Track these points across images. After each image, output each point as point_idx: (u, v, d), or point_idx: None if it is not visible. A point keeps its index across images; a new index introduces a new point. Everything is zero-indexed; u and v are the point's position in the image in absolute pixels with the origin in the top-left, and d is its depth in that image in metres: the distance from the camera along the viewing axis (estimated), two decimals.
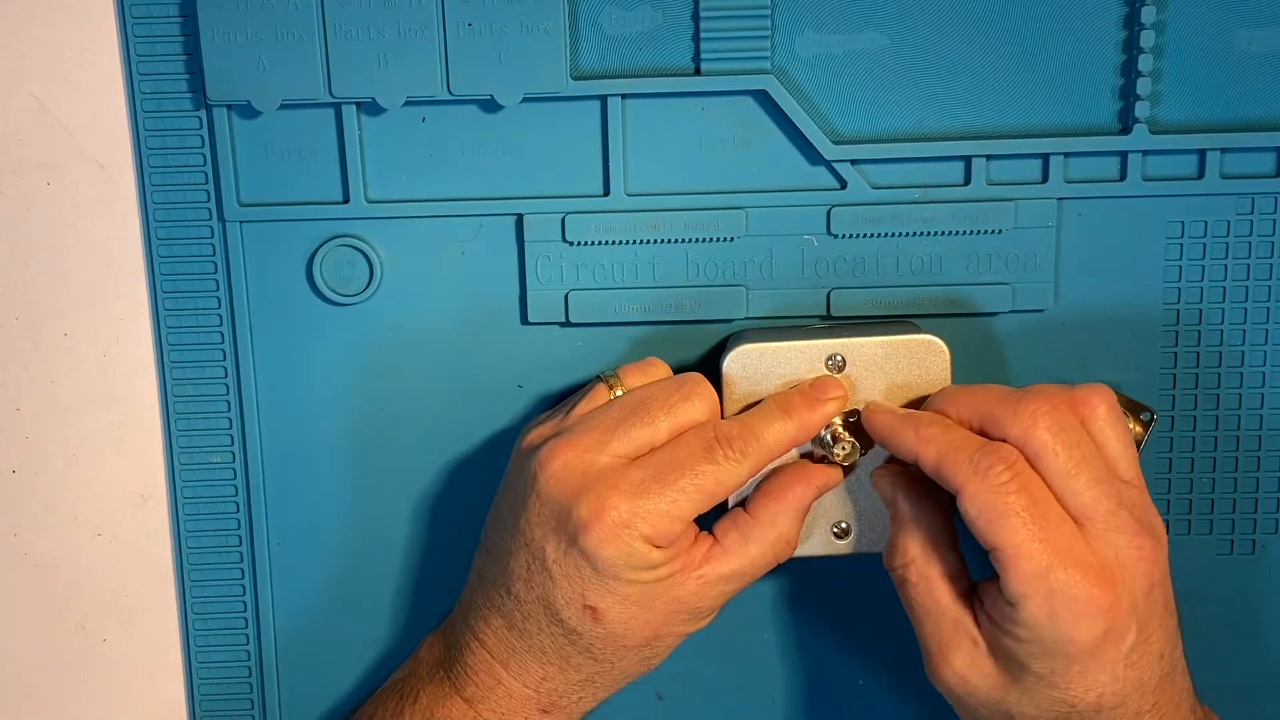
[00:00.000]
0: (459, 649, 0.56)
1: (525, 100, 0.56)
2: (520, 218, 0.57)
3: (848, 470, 0.55)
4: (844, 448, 0.54)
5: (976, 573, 0.52)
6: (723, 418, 0.55)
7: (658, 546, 0.51)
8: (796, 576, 0.61)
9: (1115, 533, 0.49)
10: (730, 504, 0.55)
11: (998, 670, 0.51)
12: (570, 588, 0.52)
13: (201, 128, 0.57)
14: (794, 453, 0.55)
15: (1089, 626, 0.48)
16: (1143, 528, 0.49)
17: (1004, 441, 0.50)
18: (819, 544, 0.56)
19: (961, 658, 0.51)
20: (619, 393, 0.55)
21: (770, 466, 0.54)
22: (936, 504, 0.52)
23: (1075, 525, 0.49)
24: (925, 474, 0.51)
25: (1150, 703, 0.50)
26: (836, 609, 0.61)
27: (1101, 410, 0.51)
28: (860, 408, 0.54)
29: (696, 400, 0.53)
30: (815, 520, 0.56)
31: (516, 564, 0.53)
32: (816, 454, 0.55)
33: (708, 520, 0.53)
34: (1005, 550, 0.48)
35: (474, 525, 0.59)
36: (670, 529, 0.51)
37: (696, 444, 0.52)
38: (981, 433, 0.51)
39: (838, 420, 0.54)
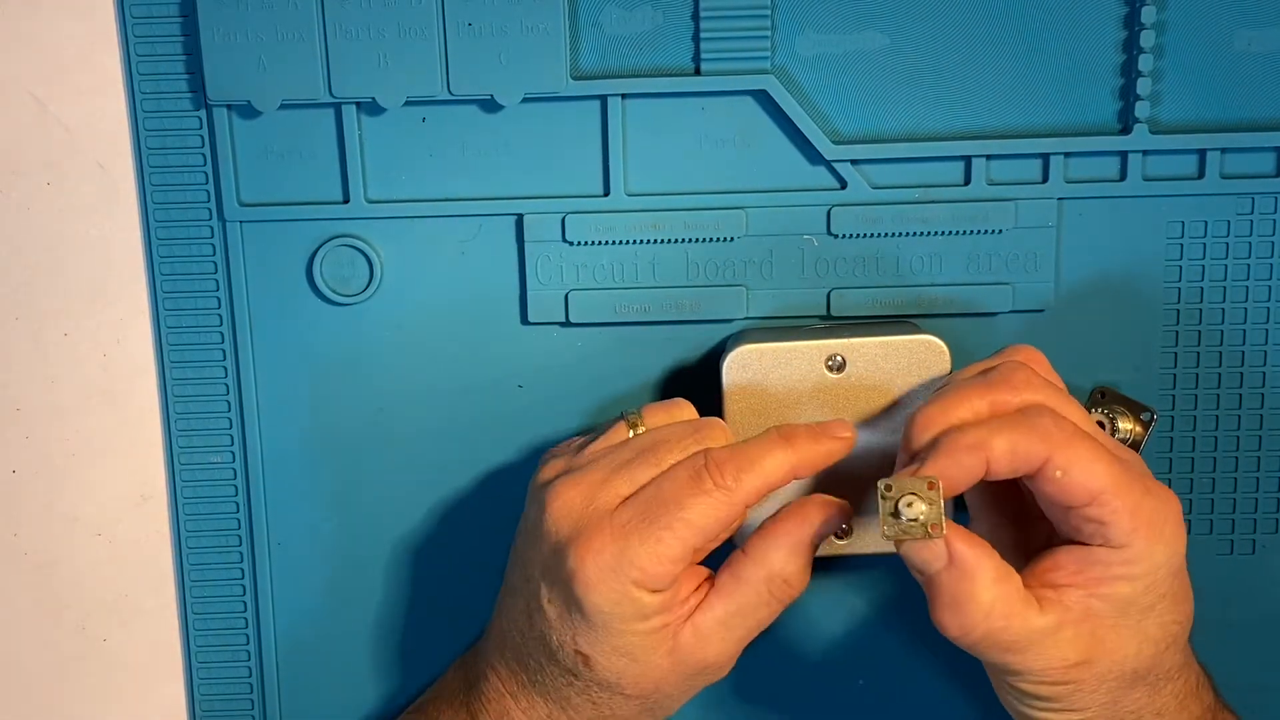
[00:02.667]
0: (476, 677, 0.56)
1: (525, 100, 0.56)
2: (520, 218, 0.57)
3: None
4: (919, 511, 0.46)
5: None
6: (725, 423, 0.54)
7: (652, 591, 0.48)
8: None
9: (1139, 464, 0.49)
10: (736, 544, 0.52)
11: (1094, 636, 0.48)
12: (563, 630, 0.50)
13: (201, 128, 0.57)
14: (797, 485, 0.53)
15: (1180, 530, 0.48)
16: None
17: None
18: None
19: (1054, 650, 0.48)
20: (639, 431, 0.52)
21: (776, 504, 0.52)
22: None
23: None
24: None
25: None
26: (836, 609, 0.61)
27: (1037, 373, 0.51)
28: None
29: (709, 443, 0.50)
30: None
31: (521, 601, 0.52)
32: (885, 534, 0.46)
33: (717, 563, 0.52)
34: (1105, 491, 0.46)
35: (473, 525, 0.59)
36: (659, 570, 0.48)
37: (683, 474, 0.49)
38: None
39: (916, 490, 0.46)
